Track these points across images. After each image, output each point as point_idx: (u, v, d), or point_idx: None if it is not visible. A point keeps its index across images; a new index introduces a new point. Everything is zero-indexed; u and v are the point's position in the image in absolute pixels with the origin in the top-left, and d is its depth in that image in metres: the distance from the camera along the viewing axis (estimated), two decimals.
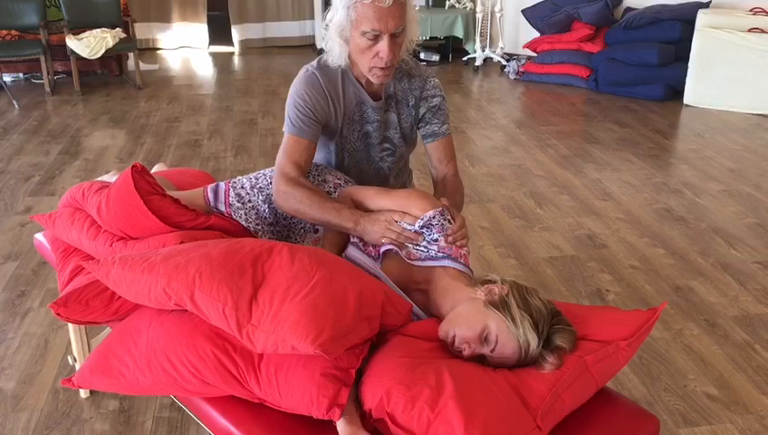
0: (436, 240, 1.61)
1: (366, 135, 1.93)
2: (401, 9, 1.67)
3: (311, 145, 1.83)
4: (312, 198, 1.72)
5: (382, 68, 1.73)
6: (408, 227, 1.63)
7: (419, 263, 1.62)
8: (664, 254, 3.19)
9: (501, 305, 1.37)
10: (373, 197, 1.74)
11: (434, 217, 1.61)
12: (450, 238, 1.61)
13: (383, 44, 1.68)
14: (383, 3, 1.63)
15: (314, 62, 1.86)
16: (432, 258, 1.61)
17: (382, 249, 1.64)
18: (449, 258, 1.61)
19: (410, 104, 1.93)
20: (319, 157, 1.97)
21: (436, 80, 1.96)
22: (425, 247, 1.62)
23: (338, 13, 1.71)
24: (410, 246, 1.63)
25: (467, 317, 1.40)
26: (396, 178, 2.11)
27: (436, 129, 1.96)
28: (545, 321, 1.35)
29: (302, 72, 1.86)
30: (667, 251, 3.22)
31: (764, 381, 2.32)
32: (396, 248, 1.62)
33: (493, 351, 1.36)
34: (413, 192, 1.74)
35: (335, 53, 1.78)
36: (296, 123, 1.81)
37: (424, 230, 1.62)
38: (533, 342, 1.33)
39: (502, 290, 1.41)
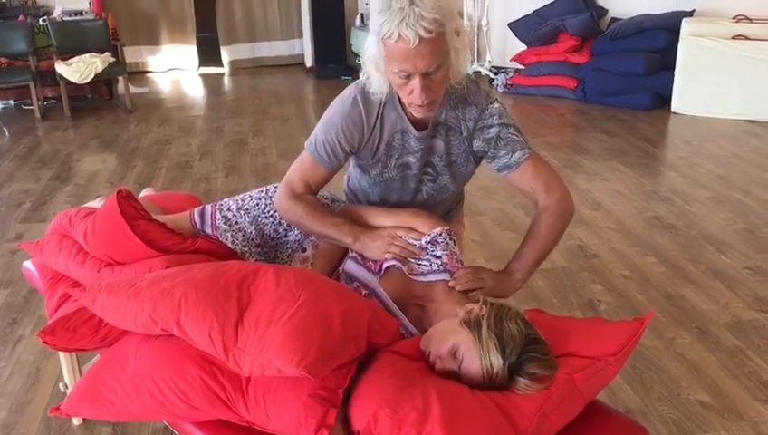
0: (439, 257, 1.64)
1: (405, 165, 1.78)
2: (431, 46, 1.47)
3: (327, 175, 1.75)
4: (312, 213, 1.71)
5: (420, 105, 1.59)
6: (415, 243, 1.65)
7: (421, 278, 1.64)
8: (655, 262, 3.20)
9: (473, 325, 1.38)
10: (376, 215, 1.75)
11: (440, 234, 1.65)
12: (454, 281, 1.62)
13: (415, 83, 1.53)
14: (409, 43, 1.45)
15: (361, 83, 1.70)
16: (433, 272, 1.63)
17: (385, 264, 1.65)
18: (449, 273, 1.63)
19: (463, 134, 1.73)
20: (353, 177, 1.94)
21: (496, 105, 1.72)
22: (427, 262, 1.64)
23: (371, 45, 1.56)
24: (413, 261, 1.64)
25: (442, 333, 1.42)
26: (446, 204, 1.96)
27: (507, 160, 1.72)
28: (515, 346, 1.33)
29: (347, 92, 1.73)
30: (658, 259, 3.23)
31: (757, 387, 2.33)
32: (399, 264, 1.63)
33: (460, 368, 1.36)
34: (419, 211, 1.74)
35: (375, 85, 1.64)
36: (320, 149, 1.72)
37: (429, 246, 1.65)
38: (497, 364, 1.32)
39: (480, 310, 1.41)
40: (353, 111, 1.69)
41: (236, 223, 1.80)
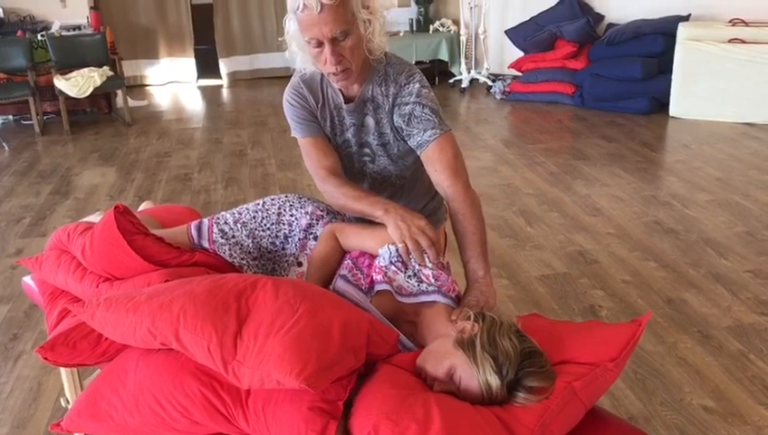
0: (419, 270, 1.62)
1: (346, 143, 1.91)
2: (334, 12, 1.58)
3: (324, 141, 1.86)
4: (341, 190, 1.78)
5: (335, 73, 1.69)
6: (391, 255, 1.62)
7: (411, 299, 1.61)
8: (655, 267, 3.20)
9: (467, 345, 1.37)
10: (353, 233, 1.73)
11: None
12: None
13: (326, 51, 1.64)
14: (312, 10, 1.57)
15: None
16: (424, 292, 1.61)
17: (376, 287, 1.63)
18: (439, 292, 1.60)
19: (386, 109, 1.83)
20: None
21: (417, 85, 1.78)
22: (416, 282, 1.61)
23: (289, 23, 1.69)
24: (402, 280, 1.62)
25: (436, 355, 1.40)
26: (395, 195, 1.97)
27: (420, 138, 1.78)
28: (511, 363, 1.32)
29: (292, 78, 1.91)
30: (659, 264, 3.23)
31: (760, 390, 2.32)
32: (389, 287, 1.61)
33: (459, 389, 1.36)
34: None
35: (298, 62, 1.78)
36: (296, 126, 1.87)
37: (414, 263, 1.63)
38: (494, 383, 1.31)
39: (472, 329, 1.40)
40: (296, 86, 1.86)
41: (233, 236, 1.79)
